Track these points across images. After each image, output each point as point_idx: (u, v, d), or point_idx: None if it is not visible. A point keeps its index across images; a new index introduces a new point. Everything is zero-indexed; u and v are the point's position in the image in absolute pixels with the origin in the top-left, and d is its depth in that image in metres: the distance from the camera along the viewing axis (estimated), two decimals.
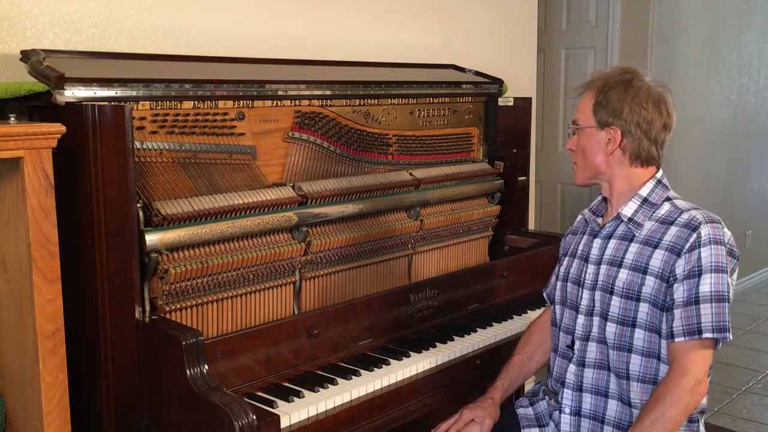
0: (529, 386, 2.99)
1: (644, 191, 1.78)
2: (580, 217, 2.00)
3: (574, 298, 1.85)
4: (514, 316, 2.35)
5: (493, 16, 3.32)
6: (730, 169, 5.48)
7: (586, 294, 1.82)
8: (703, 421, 1.80)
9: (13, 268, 1.55)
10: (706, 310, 1.63)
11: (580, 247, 1.88)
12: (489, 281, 2.44)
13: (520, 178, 2.67)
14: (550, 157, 4.75)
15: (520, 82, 3.31)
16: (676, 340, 1.65)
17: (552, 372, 1.91)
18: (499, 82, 2.70)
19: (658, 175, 1.81)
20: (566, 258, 1.93)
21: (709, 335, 1.62)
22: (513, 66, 3.37)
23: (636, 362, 1.72)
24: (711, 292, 1.63)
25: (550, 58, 4.76)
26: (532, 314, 2.38)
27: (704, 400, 1.75)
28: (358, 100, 2.24)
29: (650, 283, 1.70)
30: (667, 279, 1.68)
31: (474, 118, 2.65)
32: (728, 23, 5.22)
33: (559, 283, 1.93)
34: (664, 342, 1.69)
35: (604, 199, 1.89)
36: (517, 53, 3.46)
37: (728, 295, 1.65)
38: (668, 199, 1.78)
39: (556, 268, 2.02)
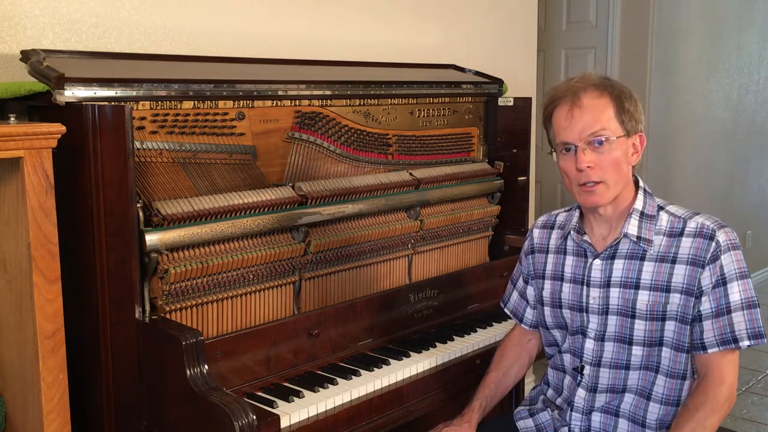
0: (526, 389, 2.99)
1: (638, 204, 1.70)
2: (540, 232, 1.90)
3: (578, 324, 1.76)
4: None
5: (493, 16, 3.32)
6: (730, 169, 5.48)
7: (594, 318, 1.73)
8: None
9: (13, 268, 1.55)
10: (739, 318, 1.61)
11: (569, 269, 1.79)
12: (489, 281, 2.44)
13: (520, 178, 2.67)
14: (550, 157, 4.74)
15: (520, 82, 3.30)
16: (710, 351, 1.62)
17: (554, 386, 1.86)
18: (499, 82, 2.70)
19: (641, 184, 1.74)
20: (547, 281, 1.84)
21: (746, 343, 1.61)
22: (513, 66, 3.36)
23: (660, 383, 1.68)
24: (741, 299, 1.62)
25: (550, 58, 4.76)
26: None
27: None
28: (358, 100, 2.24)
29: (675, 300, 1.65)
30: (693, 293, 1.63)
31: (474, 118, 2.65)
32: (728, 23, 5.22)
33: (546, 309, 1.83)
34: (688, 360, 1.67)
35: (581, 216, 1.79)
36: (517, 53, 3.46)
37: (757, 300, 1.64)
38: (660, 207, 1.72)
39: (521, 285, 1.95)
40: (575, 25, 4.69)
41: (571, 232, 1.80)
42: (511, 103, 2.65)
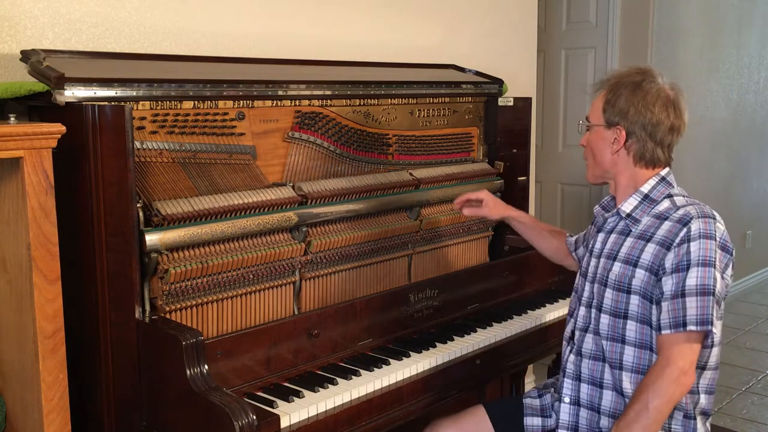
0: (526, 388, 2.99)
1: (646, 188, 1.80)
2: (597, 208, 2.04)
3: (581, 290, 1.90)
4: (514, 316, 2.35)
5: (493, 15, 3.32)
6: (730, 169, 5.48)
7: (587, 287, 1.87)
8: (707, 424, 1.79)
9: (13, 268, 1.55)
10: (692, 303, 1.65)
11: (591, 242, 1.92)
12: (489, 281, 2.44)
13: (520, 178, 2.67)
14: (550, 157, 4.75)
15: (520, 82, 3.30)
16: (663, 332, 1.67)
17: (562, 357, 1.94)
18: (499, 82, 2.69)
19: (663, 172, 1.82)
20: (581, 248, 2.02)
21: (692, 328, 1.64)
22: (513, 66, 3.36)
23: (629, 353, 1.75)
24: (697, 285, 1.65)
25: (550, 58, 4.76)
26: (532, 314, 2.38)
27: (704, 401, 1.76)
28: (358, 100, 2.24)
29: (640, 276, 1.73)
30: (656, 272, 1.71)
31: (474, 118, 2.65)
32: (728, 23, 5.22)
33: (578, 273, 1.98)
34: (655, 334, 1.72)
35: (613, 197, 1.91)
36: (517, 53, 3.46)
37: (714, 289, 1.66)
38: (669, 195, 1.79)
39: (586, 230, 2.10)
40: (575, 25, 4.69)
41: (596, 207, 1.95)
42: (511, 103, 2.65)
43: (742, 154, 5.60)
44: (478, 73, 2.75)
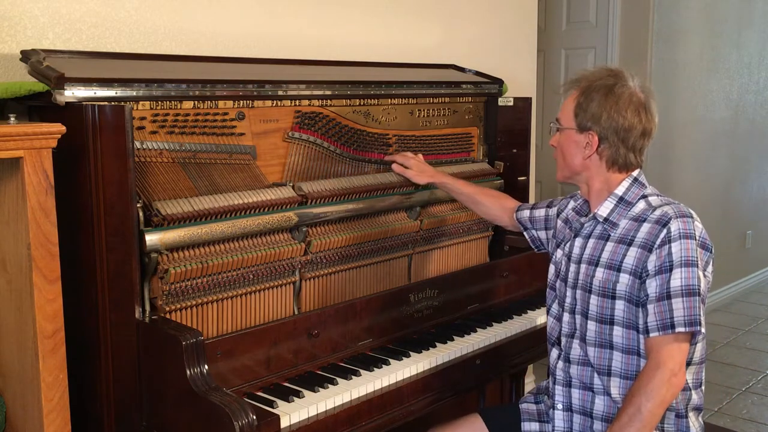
0: (526, 388, 2.99)
1: (620, 190, 1.79)
2: (566, 201, 2.04)
3: (563, 296, 1.88)
4: (514, 316, 2.35)
5: (493, 16, 3.32)
6: (730, 169, 5.48)
7: (569, 292, 1.85)
8: (700, 419, 1.80)
9: (13, 268, 1.55)
10: (678, 305, 1.64)
11: (568, 246, 1.89)
12: (489, 281, 2.44)
13: (520, 178, 2.67)
14: (550, 157, 4.72)
15: (520, 82, 3.30)
16: (651, 335, 1.66)
17: (551, 362, 1.93)
18: (499, 82, 2.69)
19: (635, 173, 1.80)
20: (559, 249, 1.93)
21: (681, 329, 1.63)
22: (513, 66, 3.36)
23: (617, 359, 1.74)
24: (682, 286, 1.65)
25: (550, 58, 4.76)
26: (532, 314, 2.38)
27: (696, 397, 1.77)
28: (358, 100, 2.24)
29: (624, 280, 1.72)
30: (640, 275, 1.70)
31: (474, 118, 2.64)
32: (728, 23, 5.22)
33: (552, 267, 1.95)
34: (642, 338, 1.71)
35: (586, 201, 1.90)
36: (517, 53, 3.46)
37: (699, 289, 1.66)
38: (644, 196, 1.78)
39: (543, 208, 2.14)
40: (575, 25, 4.69)
41: (569, 210, 1.96)
42: (511, 103, 2.65)
43: (742, 154, 5.60)
44: (478, 73, 2.75)
